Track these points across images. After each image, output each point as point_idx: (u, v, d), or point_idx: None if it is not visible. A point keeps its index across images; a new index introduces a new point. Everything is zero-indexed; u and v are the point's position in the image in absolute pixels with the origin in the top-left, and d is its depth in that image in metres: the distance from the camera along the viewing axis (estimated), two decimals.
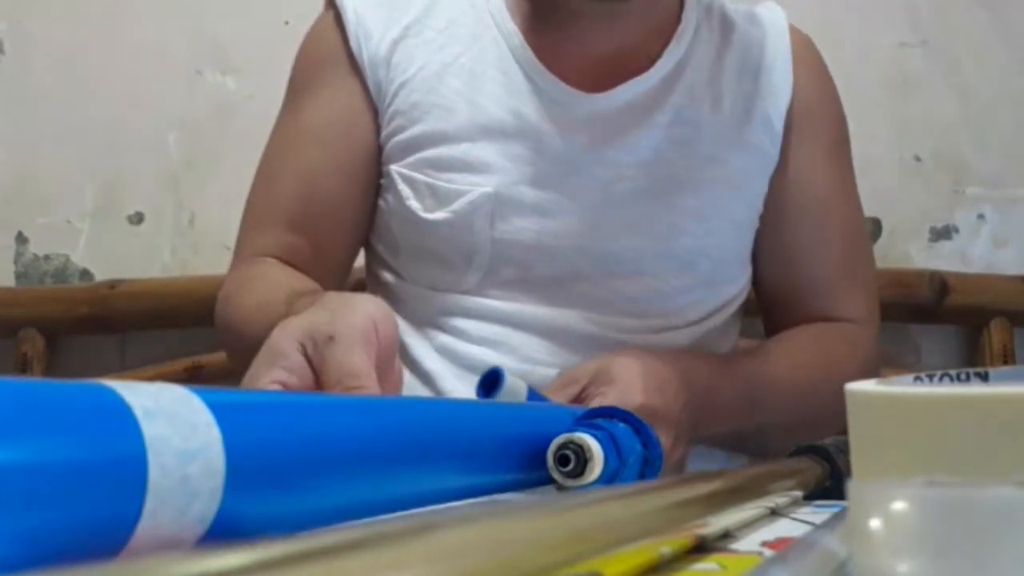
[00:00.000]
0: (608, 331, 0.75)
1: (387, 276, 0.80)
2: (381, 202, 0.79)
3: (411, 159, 0.77)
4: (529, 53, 0.77)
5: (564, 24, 0.77)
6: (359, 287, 0.88)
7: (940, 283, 1.22)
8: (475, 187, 0.74)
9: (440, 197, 0.75)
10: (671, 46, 0.79)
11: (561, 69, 0.77)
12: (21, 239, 1.43)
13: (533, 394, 0.56)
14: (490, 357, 0.71)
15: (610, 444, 0.45)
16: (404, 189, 0.76)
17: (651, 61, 0.78)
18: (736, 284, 0.80)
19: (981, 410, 0.24)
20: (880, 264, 1.00)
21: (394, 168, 0.77)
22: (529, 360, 0.73)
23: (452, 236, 0.74)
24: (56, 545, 0.20)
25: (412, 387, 0.75)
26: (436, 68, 0.77)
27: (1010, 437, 0.24)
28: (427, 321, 0.76)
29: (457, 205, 0.74)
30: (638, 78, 0.77)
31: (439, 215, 0.75)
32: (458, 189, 0.74)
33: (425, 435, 0.36)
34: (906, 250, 1.27)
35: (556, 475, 0.44)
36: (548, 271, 0.75)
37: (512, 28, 0.78)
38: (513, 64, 0.77)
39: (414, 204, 0.76)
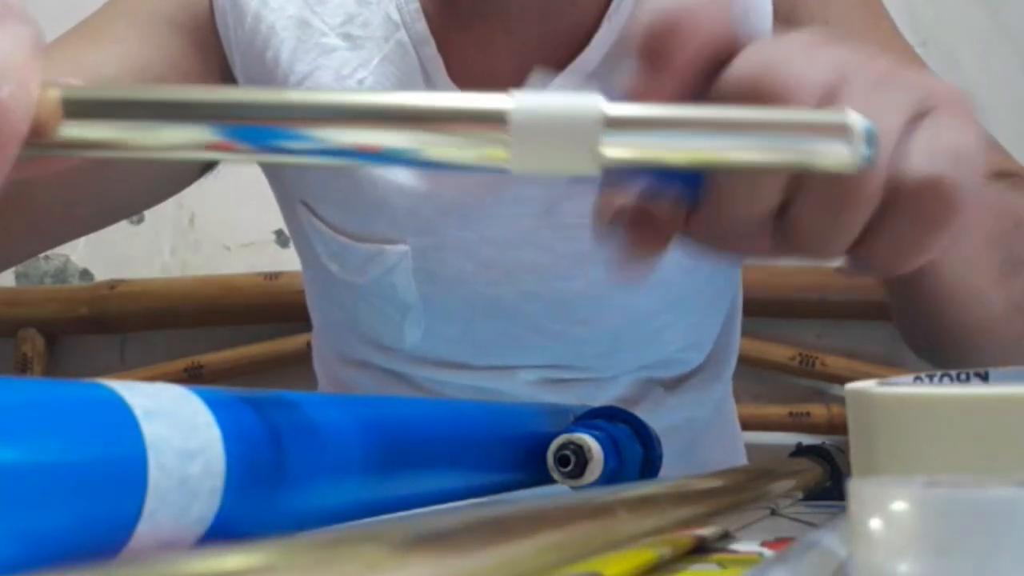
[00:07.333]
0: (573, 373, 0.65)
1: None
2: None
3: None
4: (440, 69, 0.59)
5: (488, 19, 0.59)
6: None
7: None
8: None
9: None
10: (610, 9, 0.59)
11: (478, 79, 0.59)
12: None
13: None
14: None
15: (610, 445, 0.45)
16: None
17: (586, 37, 0.59)
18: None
19: (981, 410, 0.24)
20: None
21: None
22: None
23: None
24: (56, 545, 0.20)
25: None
26: (327, 82, 0.59)
27: (1010, 437, 0.24)
28: None
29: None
30: (570, 67, 0.59)
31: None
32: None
33: (426, 434, 0.36)
34: None
35: (556, 475, 0.44)
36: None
37: (423, 31, 0.59)
38: (422, 86, 0.60)
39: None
